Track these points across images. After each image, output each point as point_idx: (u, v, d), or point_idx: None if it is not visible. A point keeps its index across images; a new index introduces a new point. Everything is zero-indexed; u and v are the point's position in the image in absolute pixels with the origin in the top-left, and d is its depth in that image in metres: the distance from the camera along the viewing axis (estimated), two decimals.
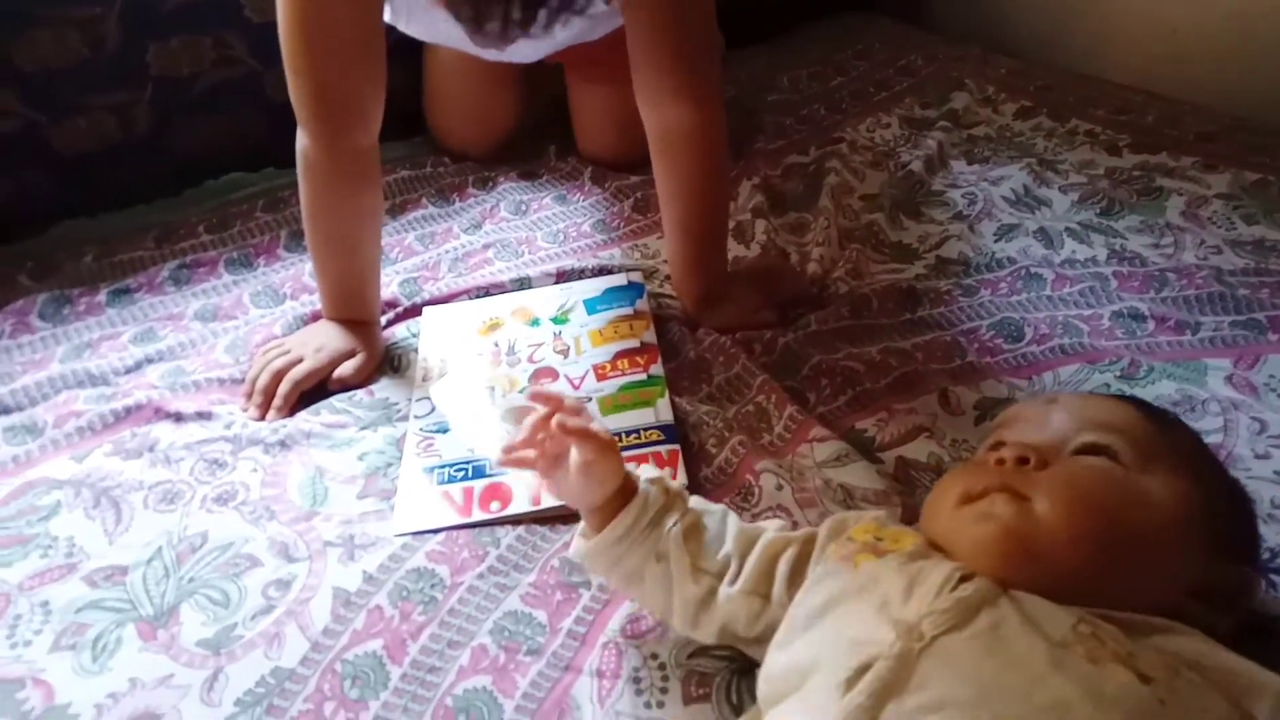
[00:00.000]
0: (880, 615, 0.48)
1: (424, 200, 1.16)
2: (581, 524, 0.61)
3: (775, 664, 0.52)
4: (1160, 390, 0.79)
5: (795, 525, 0.68)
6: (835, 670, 0.46)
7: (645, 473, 0.60)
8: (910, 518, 0.68)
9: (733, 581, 0.57)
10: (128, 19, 1.09)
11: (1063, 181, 1.13)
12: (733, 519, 0.60)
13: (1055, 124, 1.26)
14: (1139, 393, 0.79)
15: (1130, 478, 0.52)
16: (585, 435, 0.56)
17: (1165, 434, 0.56)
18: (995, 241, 1.03)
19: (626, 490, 0.59)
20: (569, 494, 0.59)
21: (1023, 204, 1.09)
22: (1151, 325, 0.88)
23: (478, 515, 0.72)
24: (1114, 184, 1.11)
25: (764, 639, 0.55)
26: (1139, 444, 0.54)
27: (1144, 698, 0.42)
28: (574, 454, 0.57)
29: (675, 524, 0.58)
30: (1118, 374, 0.82)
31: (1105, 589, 0.48)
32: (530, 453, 0.58)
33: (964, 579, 0.48)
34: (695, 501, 0.61)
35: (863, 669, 0.45)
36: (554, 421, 0.56)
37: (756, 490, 0.72)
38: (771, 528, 0.60)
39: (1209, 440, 0.71)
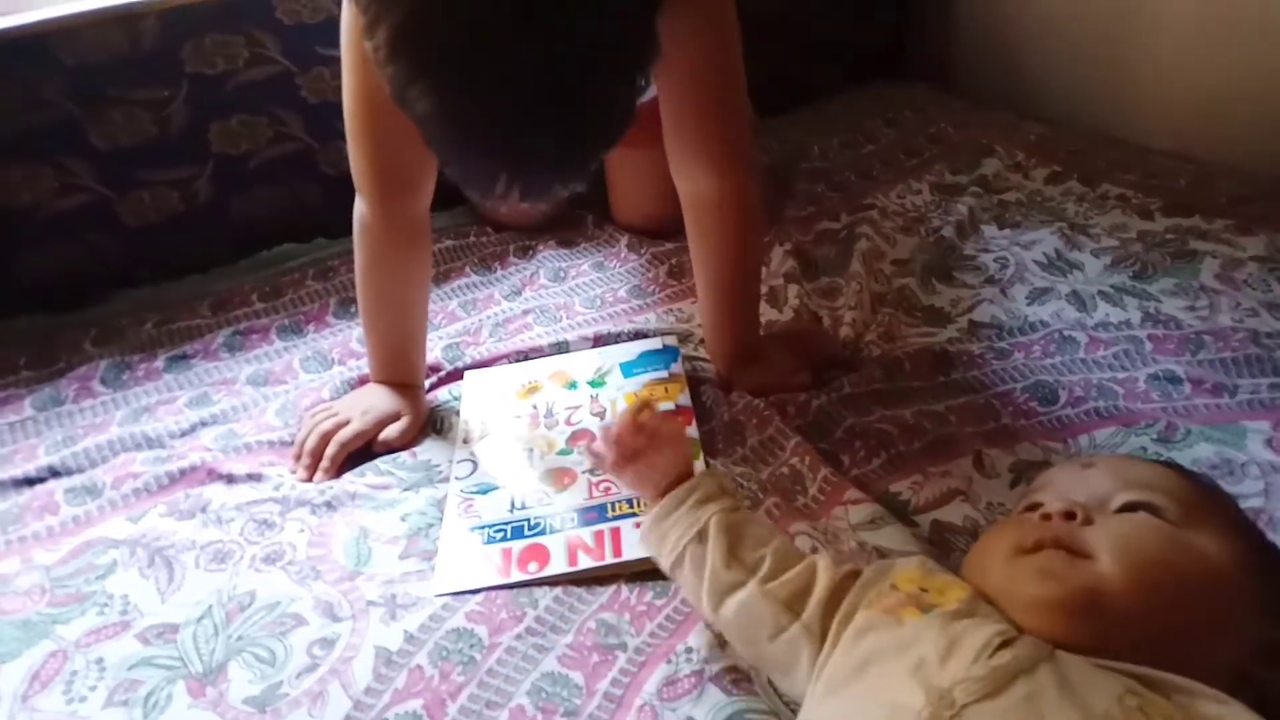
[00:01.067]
0: (915, 678, 0.48)
1: (467, 268, 1.20)
2: (643, 530, 0.66)
3: (814, 717, 0.52)
4: (1198, 453, 0.79)
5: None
6: None
7: (708, 469, 0.66)
8: None
9: (765, 581, 0.58)
10: (193, 100, 1.16)
11: (1095, 245, 1.13)
12: (781, 535, 0.63)
13: (1086, 188, 1.28)
14: (1176, 456, 0.79)
15: (1179, 532, 0.52)
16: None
17: (1206, 493, 0.56)
18: (1028, 305, 1.04)
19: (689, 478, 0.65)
20: (641, 477, 0.66)
21: (1055, 268, 1.10)
22: (1188, 388, 0.87)
23: (516, 576, 0.73)
24: (1147, 247, 1.11)
25: (778, 662, 0.56)
26: (1182, 501, 0.54)
27: None
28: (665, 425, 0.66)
29: (720, 510, 0.62)
30: (1154, 437, 0.82)
31: (1165, 646, 0.47)
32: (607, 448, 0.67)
33: (1005, 644, 0.48)
34: (745, 507, 0.65)
35: None
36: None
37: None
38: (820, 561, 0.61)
39: (1249, 505, 0.71)
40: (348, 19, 0.81)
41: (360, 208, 0.90)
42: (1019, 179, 1.33)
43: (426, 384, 0.98)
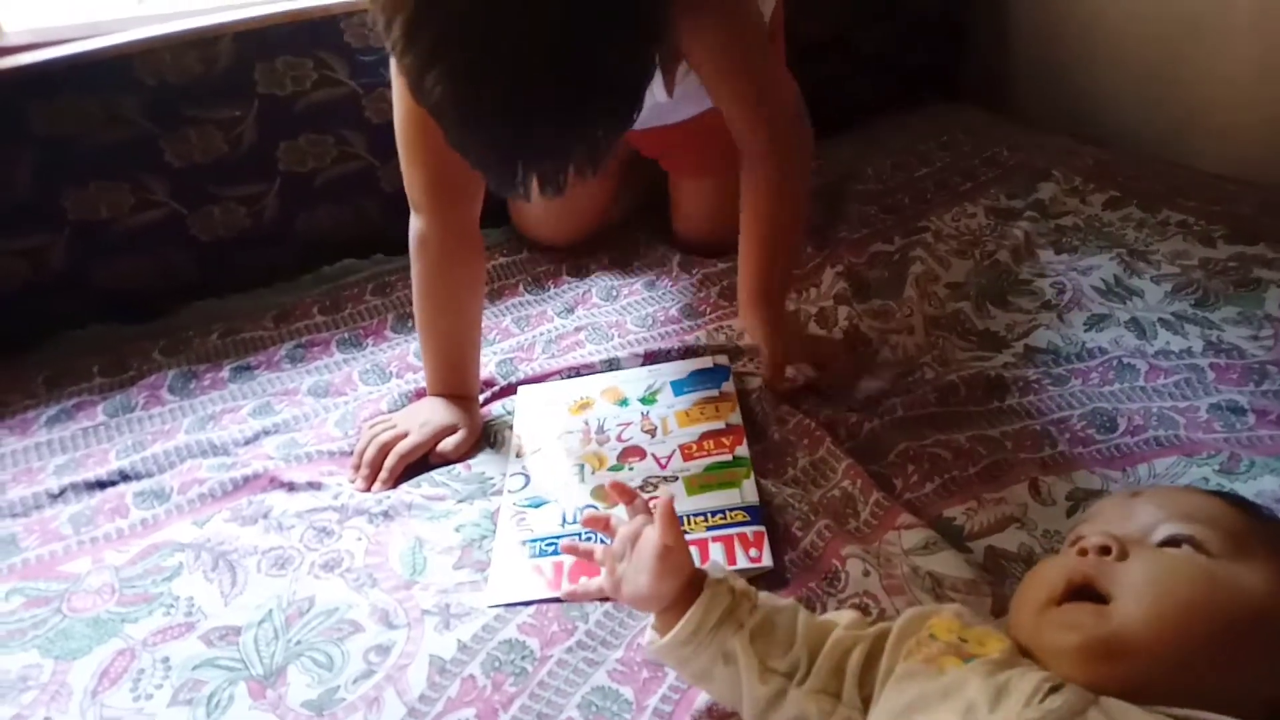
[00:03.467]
0: None
1: (520, 286, 1.22)
2: (651, 622, 0.62)
3: None
4: (1262, 486, 0.77)
5: (883, 613, 0.69)
6: None
7: (712, 571, 0.60)
8: (1000, 609, 0.67)
9: (802, 681, 0.56)
10: (263, 119, 1.20)
11: (1155, 272, 1.12)
12: (803, 615, 0.59)
13: (1146, 214, 1.26)
14: (1240, 488, 0.77)
15: (1217, 565, 0.51)
16: (669, 517, 0.59)
17: (1258, 524, 0.55)
18: (1085, 331, 1.03)
19: (695, 586, 0.59)
20: (637, 589, 0.59)
21: (1113, 294, 1.09)
22: (1252, 419, 0.86)
23: (568, 589, 0.74)
24: (1209, 275, 1.09)
25: None
26: (1227, 533, 0.53)
27: None
28: (647, 540, 0.59)
29: (742, 627, 0.57)
30: (1216, 468, 0.80)
31: (1203, 684, 0.47)
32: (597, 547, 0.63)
33: (1054, 689, 0.48)
34: (764, 597, 0.60)
35: None
36: (639, 501, 0.61)
37: (843, 575, 0.73)
38: (842, 622, 0.59)
39: None
40: None
41: (415, 223, 0.94)
42: (1076, 204, 1.32)
43: (481, 398, 1.00)
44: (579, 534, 0.80)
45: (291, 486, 0.88)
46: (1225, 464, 0.81)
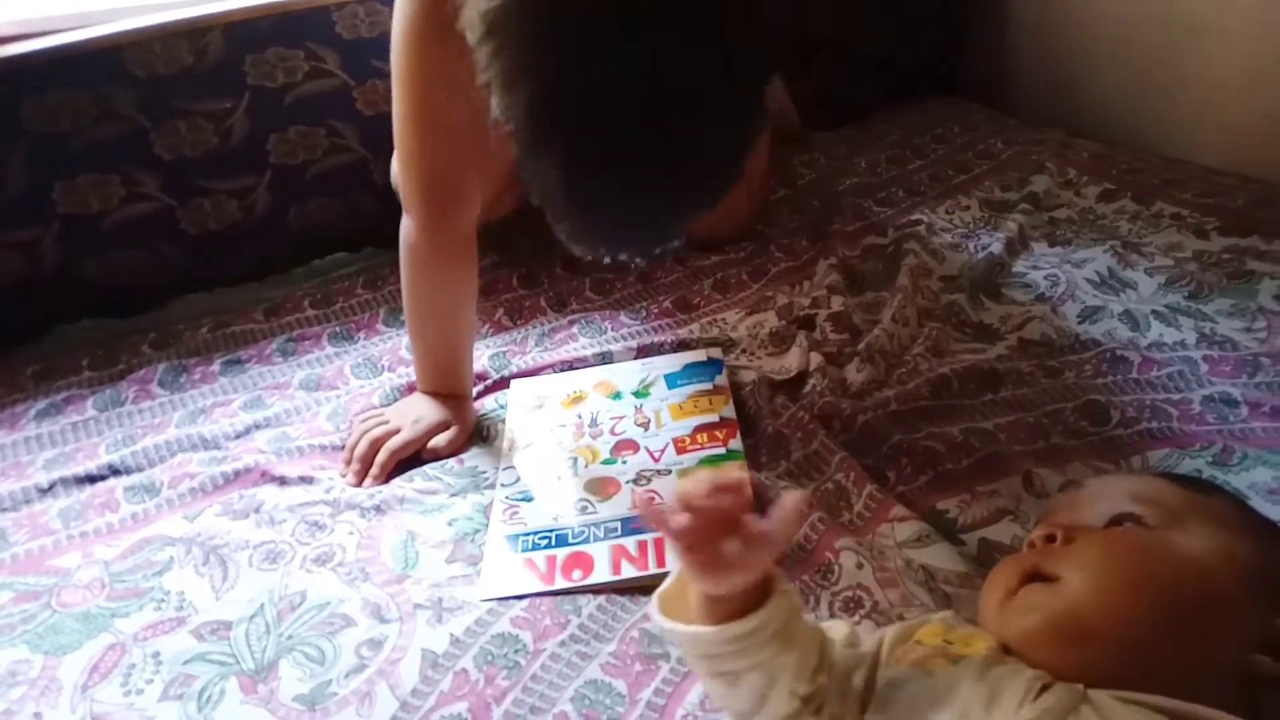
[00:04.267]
0: None
1: (513, 279, 1.21)
2: (660, 592, 0.54)
3: None
4: (1255, 478, 0.77)
5: (876, 605, 0.69)
6: None
7: (778, 578, 0.53)
8: None
9: (816, 711, 0.52)
10: (254, 111, 1.19)
11: (1148, 264, 1.12)
12: (814, 627, 0.56)
13: (1139, 207, 1.26)
14: (1233, 480, 0.77)
15: (1157, 536, 0.52)
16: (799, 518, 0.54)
17: (1200, 497, 0.56)
18: (1079, 323, 1.03)
19: (762, 585, 0.51)
20: (718, 569, 0.50)
21: (1107, 286, 1.09)
22: (1245, 411, 0.86)
23: (560, 583, 0.74)
24: (1202, 267, 1.09)
25: None
26: (1168, 508, 0.54)
27: None
28: (762, 530, 0.49)
29: (793, 645, 0.52)
30: (1209, 460, 0.80)
31: (1167, 657, 0.47)
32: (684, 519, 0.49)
33: (1045, 688, 0.48)
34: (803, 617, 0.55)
35: None
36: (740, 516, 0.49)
37: (836, 568, 0.72)
38: (837, 639, 0.56)
39: None
40: (401, 32, 0.81)
41: (407, 225, 0.91)
42: (1070, 196, 1.31)
43: (474, 391, 0.99)
44: (570, 529, 0.79)
45: (283, 480, 0.88)
46: (1218, 456, 0.81)
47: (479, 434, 0.94)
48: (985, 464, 0.83)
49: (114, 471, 0.91)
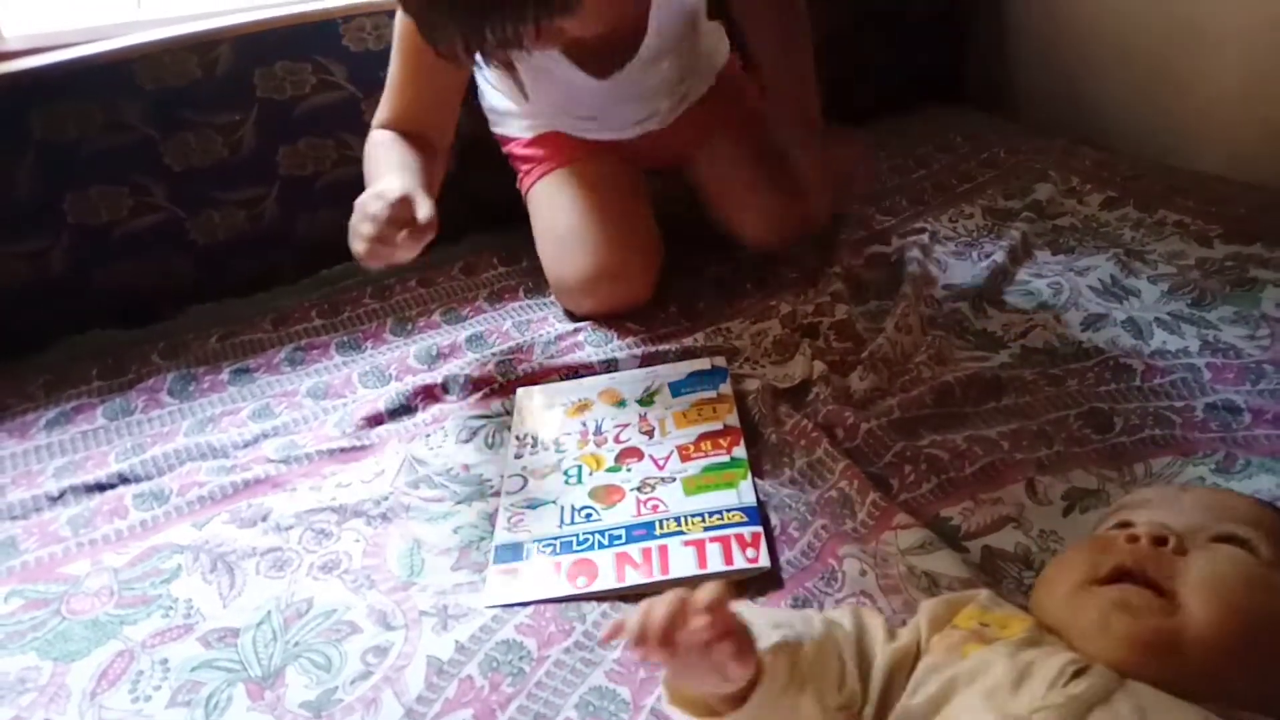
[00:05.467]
0: (988, 704, 0.47)
1: (520, 291, 1.22)
2: (665, 682, 0.56)
3: None
4: (1258, 485, 0.77)
5: (879, 612, 0.69)
6: None
7: (762, 639, 0.52)
8: None
9: (858, 714, 0.53)
10: (262, 123, 1.20)
11: (1151, 272, 1.12)
12: (840, 640, 0.56)
13: (1143, 214, 1.26)
14: (1236, 487, 0.77)
15: (1270, 574, 0.51)
16: (726, 635, 0.48)
17: None
18: (1082, 331, 1.03)
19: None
20: (693, 678, 0.51)
21: (1110, 294, 1.09)
22: (1248, 418, 0.86)
23: (565, 590, 0.74)
24: (1205, 275, 1.09)
25: None
26: (1273, 538, 0.52)
27: None
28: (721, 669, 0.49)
29: (805, 687, 0.52)
30: (1212, 467, 0.80)
31: (1241, 688, 0.47)
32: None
33: (1078, 672, 0.47)
34: (809, 635, 0.55)
35: None
36: (693, 622, 0.48)
37: (840, 575, 0.73)
38: (878, 639, 0.56)
39: None
40: None
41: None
42: (1073, 204, 1.32)
43: (478, 395, 1.00)
44: (575, 536, 0.80)
45: (291, 488, 0.89)
46: (1221, 463, 0.81)
47: (485, 441, 0.95)
48: (988, 471, 0.83)
49: (123, 480, 0.92)
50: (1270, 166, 1.30)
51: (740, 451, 0.87)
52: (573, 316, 1.15)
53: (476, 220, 1.32)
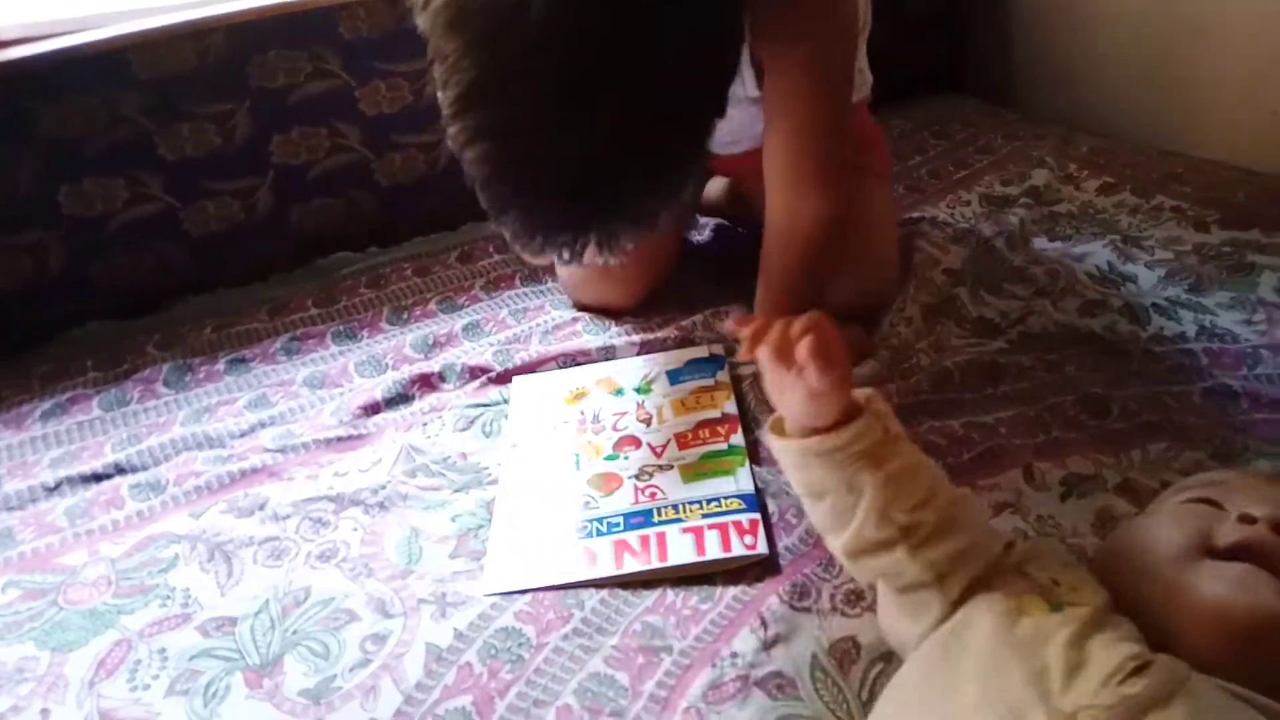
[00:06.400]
0: (1035, 689, 0.45)
1: (517, 279, 1.22)
2: (770, 420, 0.60)
3: (911, 696, 0.50)
4: (1256, 469, 0.77)
5: (875, 602, 0.69)
6: None
7: (874, 402, 0.57)
8: None
9: (917, 545, 0.53)
10: (256, 112, 1.20)
11: (1149, 258, 1.12)
12: (947, 486, 0.57)
13: (1140, 200, 1.26)
14: None
15: None
16: (826, 363, 0.53)
17: None
18: (1080, 317, 1.03)
19: (852, 411, 0.56)
20: (788, 405, 0.57)
21: (1107, 280, 1.09)
22: (1245, 403, 0.86)
23: (563, 577, 0.74)
24: (1202, 260, 1.09)
25: (899, 607, 0.54)
26: None
27: None
28: (805, 377, 0.54)
29: (880, 467, 0.54)
30: (1210, 452, 0.80)
31: None
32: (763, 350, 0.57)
33: (1138, 670, 0.45)
34: (912, 449, 0.57)
35: None
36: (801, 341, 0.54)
37: (839, 562, 0.73)
38: (979, 524, 0.57)
39: None
40: None
41: None
42: (1070, 190, 1.32)
43: (477, 384, 1.00)
44: (574, 524, 0.80)
45: (288, 478, 0.88)
46: (1218, 449, 0.81)
47: (482, 429, 0.95)
48: (986, 457, 0.83)
49: (119, 470, 0.92)
50: (1271, 156, 1.29)
51: (738, 439, 0.87)
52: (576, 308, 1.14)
53: (473, 208, 1.31)
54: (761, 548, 0.74)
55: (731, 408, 0.92)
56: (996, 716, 0.45)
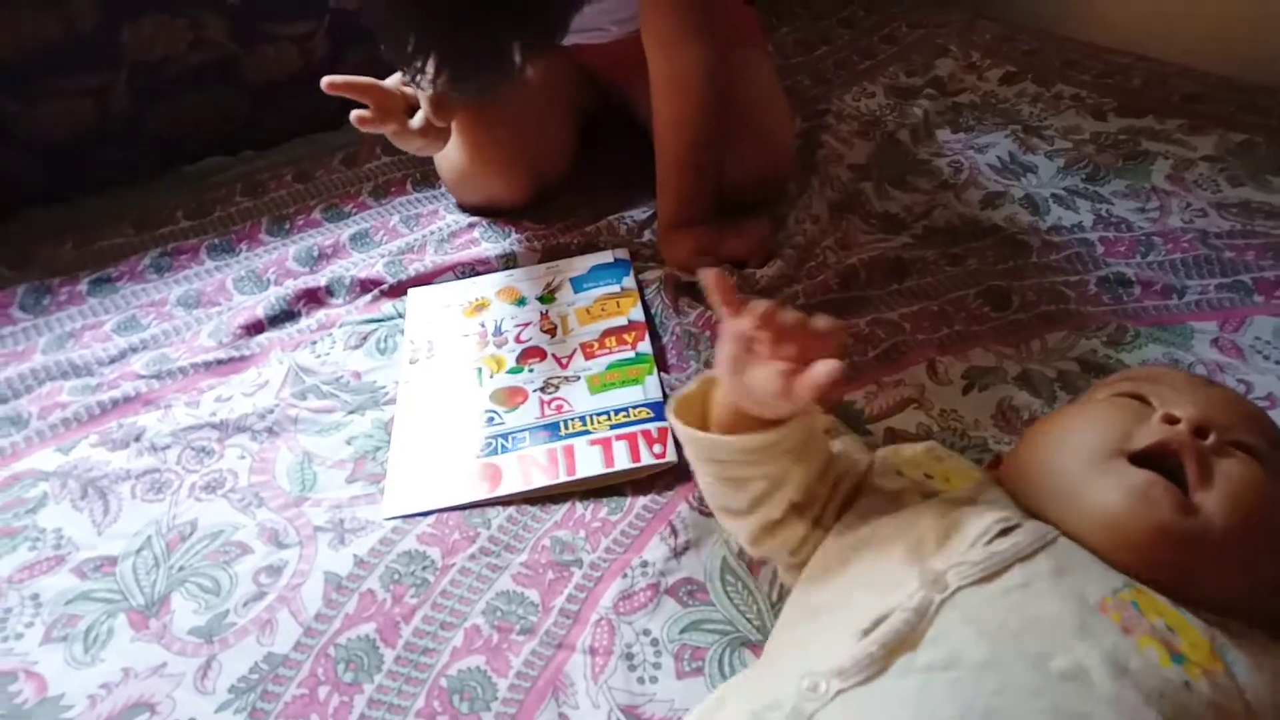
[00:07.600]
0: (908, 559, 0.46)
1: (408, 184, 1.14)
2: (678, 396, 0.56)
3: (806, 596, 0.51)
4: (1147, 354, 0.80)
5: None
6: (855, 616, 0.44)
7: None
8: None
9: (812, 520, 0.53)
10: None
11: (1048, 148, 1.12)
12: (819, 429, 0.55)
13: (1040, 89, 1.26)
14: (1125, 358, 0.80)
15: (1276, 491, 0.48)
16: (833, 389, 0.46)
17: None
18: (981, 210, 1.03)
19: None
20: (748, 388, 0.49)
21: (1009, 171, 1.09)
22: (1138, 290, 0.88)
23: (468, 496, 0.72)
24: (1099, 149, 1.10)
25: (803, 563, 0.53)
26: (1274, 448, 0.50)
27: (1170, 678, 0.40)
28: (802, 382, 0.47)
29: (804, 461, 0.52)
30: (1104, 340, 0.82)
31: (1236, 600, 0.45)
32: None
33: (1004, 531, 0.46)
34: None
35: (880, 619, 0.43)
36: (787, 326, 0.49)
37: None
38: (843, 448, 0.57)
39: None
40: None
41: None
42: (973, 80, 1.30)
43: (367, 298, 0.95)
44: (477, 441, 0.77)
45: (165, 405, 0.82)
46: (1112, 335, 0.83)
47: (376, 346, 0.90)
48: (891, 354, 0.83)
49: None
50: (1165, 36, 1.30)
51: (645, 346, 0.85)
52: (464, 209, 1.08)
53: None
54: (671, 456, 0.73)
55: (638, 314, 0.89)
56: (878, 592, 0.46)
